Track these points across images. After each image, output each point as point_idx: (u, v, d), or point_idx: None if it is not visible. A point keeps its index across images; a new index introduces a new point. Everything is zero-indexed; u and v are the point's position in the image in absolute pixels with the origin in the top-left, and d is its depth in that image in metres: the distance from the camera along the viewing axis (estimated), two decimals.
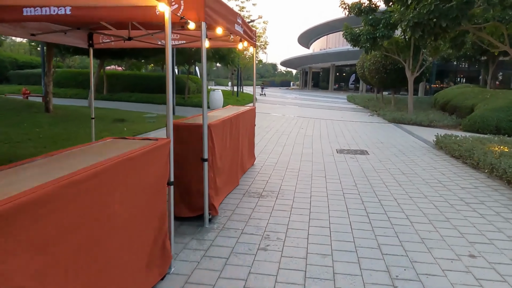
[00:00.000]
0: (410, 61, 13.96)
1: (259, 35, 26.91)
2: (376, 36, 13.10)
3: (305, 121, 13.53)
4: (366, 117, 15.84)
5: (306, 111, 18.02)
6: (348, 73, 53.17)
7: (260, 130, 10.65)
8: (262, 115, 15.47)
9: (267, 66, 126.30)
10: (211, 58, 19.85)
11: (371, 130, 11.40)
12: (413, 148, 8.46)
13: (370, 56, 17.86)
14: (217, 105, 17.69)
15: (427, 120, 13.31)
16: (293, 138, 9.53)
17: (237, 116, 5.00)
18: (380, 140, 9.53)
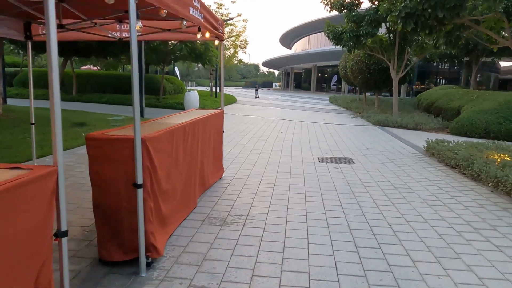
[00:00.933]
0: (395, 60, 13.27)
1: (239, 33, 25.99)
2: (359, 33, 12.34)
3: (285, 124, 12.65)
4: (349, 119, 15.10)
5: (287, 113, 17.18)
6: (330, 74, 52.77)
7: (235, 135, 9.71)
8: (240, 117, 14.53)
9: (249, 66, 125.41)
10: (187, 57, 18.81)
11: (355, 134, 10.61)
12: (402, 155, 7.67)
13: (353, 56, 17.15)
14: (193, 107, 16.65)
15: (413, 122, 12.63)
16: (271, 143, 8.62)
17: (195, 123, 4.04)
18: (365, 145, 8.72)
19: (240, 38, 25.93)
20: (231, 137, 9.30)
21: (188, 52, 17.30)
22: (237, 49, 26.38)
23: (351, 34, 12.45)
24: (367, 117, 14.51)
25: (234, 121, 13.08)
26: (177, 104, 17.54)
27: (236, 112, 16.83)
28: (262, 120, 13.66)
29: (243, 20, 25.21)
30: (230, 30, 25.36)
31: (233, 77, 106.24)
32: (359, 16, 12.43)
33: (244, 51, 26.81)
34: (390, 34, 13.45)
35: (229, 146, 8.11)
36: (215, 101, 20.51)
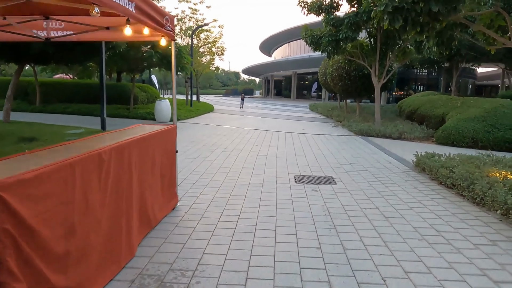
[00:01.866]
0: (377, 66, 12.56)
1: (215, 40, 25.06)
2: (339, 38, 11.57)
3: (261, 135, 11.72)
4: (329, 128, 14.29)
5: (265, 122, 16.27)
6: (310, 81, 52.38)
7: (203, 150, 8.69)
8: (214, 128, 13.53)
9: (230, 74, 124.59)
10: (159, 64, 17.74)
11: (336, 146, 9.75)
12: (389, 171, 6.81)
13: (333, 62, 16.42)
14: (165, 117, 15.57)
15: (397, 132, 11.89)
16: (243, 159, 7.64)
17: (122, 147, 3.03)
18: (348, 160, 7.84)
19: (216, 45, 25.00)
20: (198, 152, 8.28)
21: (159, 58, 16.24)
22: (214, 56, 25.42)
23: (330, 38, 11.67)
24: (349, 126, 13.72)
25: (207, 132, 12.08)
26: (148, 114, 16.44)
27: (211, 122, 15.83)
28: (237, 131, 12.69)
29: (219, 26, 24.32)
30: (206, 36, 24.44)
31: (214, 85, 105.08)
32: (338, 19, 11.68)
33: (221, 58, 25.85)
34: (371, 38, 12.74)
35: (194, 163, 7.09)
36: (190, 111, 19.45)
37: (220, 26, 24.09)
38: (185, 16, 22.90)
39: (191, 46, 21.63)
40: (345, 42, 11.70)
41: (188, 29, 22.89)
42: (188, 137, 10.72)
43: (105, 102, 11.84)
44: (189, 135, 11.18)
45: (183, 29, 22.86)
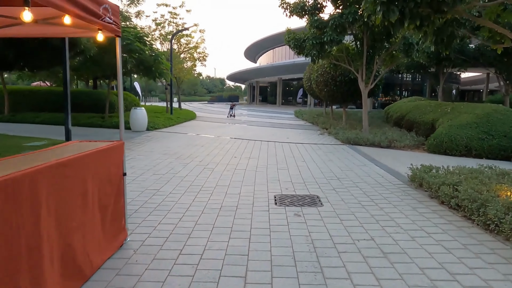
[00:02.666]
0: (363, 70, 11.88)
1: (196, 45, 24.20)
2: (323, 40, 10.86)
3: (242, 145, 10.88)
4: (315, 136, 13.55)
5: (248, 131, 15.45)
6: (296, 87, 51.90)
7: (175, 164, 7.80)
8: (191, 137, 12.63)
9: (215, 81, 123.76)
10: (135, 70, 16.79)
11: (322, 157, 8.97)
12: (382, 187, 6.03)
13: (318, 67, 15.74)
14: (141, 126, 14.60)
15: (386, 140, 11.19)
16: (218, 174, 6.78)
17: (21, 178, 2.14)
18: (335, 173, 7.05)
19: (198, 50, 24.11)
20: (169, 167, 7.39)
21: (135, 64, 15.31)
22: (195, 61, 24.53)
23: (314, 41, 10.95)
24: (335, 133, 13.00)
25: (183, 142, 11.17)
26: (124, 123, 15.39)
27: (190, 131, 14.92)
28: (217, 141, 11.83)
29: (200, 31, 23.46)
30: (187, 41, 23.56)
31: (199, 92, 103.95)
32: (322, 22, 10.97)
33: (203, 64, 24.96)
34: (357, 41, 12.08)
35: (161, 181, 6.19)
36: (169, 119, 18.50)
37: (201, 30, 23.26)
38: (165, 21, 22.02)
39: (171, 51, 20.73)
40: (330, 45, 10.99)
41: (168, 34, 22.00)
42: (161, 149, 9.81)
43: (70, 111, 10.82)
44: (163, 146, 10.26)
45: (162, 34, 21.96)
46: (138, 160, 8.10)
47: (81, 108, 19.30)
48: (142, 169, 7.18)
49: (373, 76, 12.06)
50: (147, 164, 7.71)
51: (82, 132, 13.65)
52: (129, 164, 7.67)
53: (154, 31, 21.82)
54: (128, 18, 22.12)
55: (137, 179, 6.31)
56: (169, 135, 13.27)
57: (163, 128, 15.86)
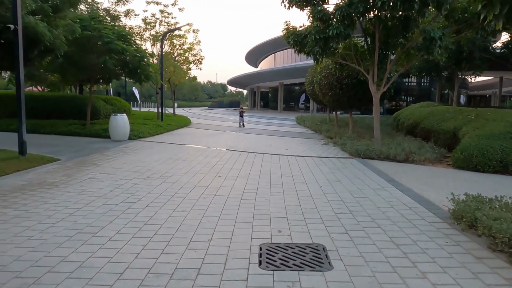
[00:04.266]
0: (375, 71, 10.16)
1: (191, 47, 22.56)
2: (328, 35, 9.16)
3: (232, 158, 9.16)
4: (318, 147, 11.81)
5: (242, 140, 13.73)
6: (298, 92, 50.22)
7: (140, 187, 6.08)
8: (176, 148, 10.90)
9: (216, 86, 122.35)
10: (118, 73, 15.16)
11: (328, 176, 7.23)
12: (415, 229, 4.27)
13: (321, 68, 14.03)
14: (121, 135, 12.92)
15: (403, 152, 9.44)
16: (189, 206, 5.06)
17: None
18: (346, 202, 5.31)
19: (192, 52, 22.42)
20: (130, 192, 5.67)
21: (115, 65, 13.66)
22: (189, 64, 22.84)
23: (318, 36, 9.25)
24: (342, 144, 11.25)
25: (163, 155, 9.46)
26: (104, 131, 13.74)
27: (179, 140, 13.21)
28: (204, 153, 10.11)
29: (194, 31, 21.79)
30: (181, 42, 21.91)
31: (200, 97, 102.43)
32: (326, 13, 9.27)
33: (199, 67, 23.26)
34: (367, 37, 10.37)
35: (108, 217, 4.47)
36: (158, 126, 16.78)
37: (195, 31, 21.60)
38: (156, 21, 20.42)
39: (161, 53, 19.11)
40: (336, 40, 9.28)
41: (159, 34, 20.40)
42: (134, 164, 8.10)
43: (24, 119, 9.17)
44: (137, 161, 8.56)
45: (153, 34, 20.35)
46: (95, 182, 6.39)
47: (63, 114, 17.67)
48: (93, 196, 5.47)
49: (386, 77, 10.33)
50: (104, 187, 6.00)
51: (54, 141, 11.97)
52: (80, 187, 5.96)
53: (144, 31, 20.20)
54: (116, 18, 20.54)
55: (76, 214, 4.59)
56: (152, 146, 11.56)
57: (149, 137, 14.16)
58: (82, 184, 6.25)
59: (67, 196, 5.46)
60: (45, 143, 11.63)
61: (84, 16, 14.48)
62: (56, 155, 9.40)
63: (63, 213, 4.65)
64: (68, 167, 7.75)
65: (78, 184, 6.21)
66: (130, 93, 68.71)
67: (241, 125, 20.22)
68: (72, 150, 10.35)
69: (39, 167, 7.78)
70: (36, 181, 6.44)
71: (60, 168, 7.63)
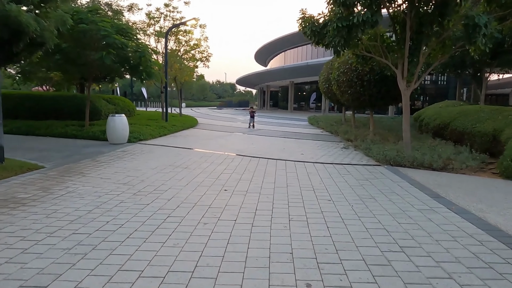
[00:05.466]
0: (405, 65, 8.82)
1: (198, 43, 21.37)
2: (352, 22, 7.85)
3: (241, 166, 7.90)
4: (338, 151, 10.50)
5: (253, 142, 12.46)
6: (308, 92, 48.81)
7: (124, 207, 4.86)
8: (178, 154, 9.67)
9: (225, 86, 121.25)
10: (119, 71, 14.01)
11: (357, 190, 5.93)
12: (504, 280, 2.98)
13: (339, 63, 12.68)
14: (119, 137, 11.77)
15: (439, 159, 8.09)
16: (184, 237, 3.82)
17: None
18: (391, 232, 4.01)
19: (199, 49, 21.22)
20: (111, 215, 4.46)
21: (115, 61, 12.50)
22: (196, 62, 21.66)
23: (340, 24, 7.95)
24: (366, 148, 9.91)
25: (162, 162, 8.25)
26: (102, 133, 12.61)
27: (182, 143, 12.01)
28: (209, 158, 8.88)
29: (201, 26, 20.55)
30: (188, 38, 20.73)
31: (208, 97, 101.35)
32: None
33: (206, 65, 22.03)
34: (396, 25, 9.03)
35: (67, 259, 3.25)
36: (162, 127, 15.60)
37: (202, 26, 20.40)
38: (160, 15, 19.27)
39: (165, 49, 17.94)
40: (362, 29, 7.96)
41: (163, 29, 19.23)
42: (127, 173, 6.90)
43: (1, 120, 8.05)
44: (132, 169, 7.36)
45: (157, 30, 19.20)
46: (73, 199, 5.19)
47: (61, 114, 16.64)
48: (63, 220, 4.27)
49: (418, 72, 8.98)
50: (81, 207, 4.80)
51: (45, 144, 10.85)
52: (52, 207, 4.76)
53: (148, 26, 19.06)
54: (119, 12, 19.45)
55: (29, 251, 3.38)
56: (152, 150, 10.38)
57: (150, 140, 13.00)
58: (57, 201, 5.06)
59: (30, 220, 4.27)
60: (35, 146, 10.52)
61: (81, 9, 13.38)
62: (42, 161, 8.27)
63: (13, 249, 3.45)
64: (48, 177, 6.59)
65: (51, 202, 5.02)
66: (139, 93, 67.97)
67: (251, 126, 18.96)
68: (62, 155, 9.22)
69: (15, 177, 6.63)
70: (2, 196, 5.27)
71: (39, 179, 6.47)
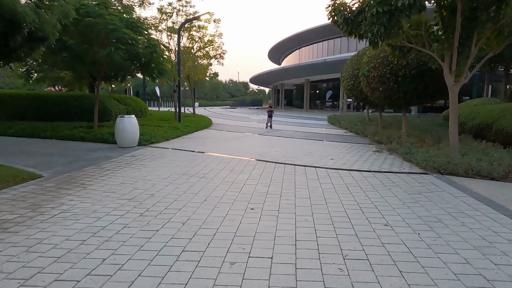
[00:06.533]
0: (454, 57, 7.61)
1: (212, 39, 20.35)
2: (396, 7, 6.67)
3: (265, 175, 6.80)
4: (370, 155, 9.32)
5: (273, 145, 11.34)
6: (322, 90, 47.41)
7: (123, 239, 3.82)
8: (192, 159, 8.62)
9: (238, 85, 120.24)
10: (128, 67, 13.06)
11: (417, 211, 4.77)
12: None
13: (369, 57, 11.48)
14: (129, 140, 10.82)
15: (499, 168, 6.85)
16: (205, 284, 2.75)
17: None
18: (493, 282, 2.88)
19: (213, 44, 20.17)
20: (111, 246, 3.43)
21: (124, 58, 11.54)
22: (210, 59, 20.63)
23: (381, 9, 6.80)
24: (406, 153, 8.69)
25: (177, 169, 7.22)
26: (111, 136, 11.67)
27: (196, 146, 10.97)
28: (228, 165, 7.81)
29: (215, 21, 19.48)
30: (202, 34, 19.72)
31: (221, 96, 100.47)
32: None
33: (220, 62, 20.96)
34: (443, 11, 7.81)
35: None
36: (175, 128, 14.63)
37: (216, 20, 19.33)
38: (173, 10, 18.30)
39: (178, 45, 16.95)
40: (407, 14, 6.79)
41: (176, 24, 18.26)
42: (134, 184, 5.88)
43: None
44: (141, 178, 6.34)
45: (169, 26, 18.25)
46: (66, 222, 4.18)
47: (69, 115, 15.84)
48: (47, 256, 3.25)
49: (469, 65, 7.74)
50: (73, 234, 3.78)
51: (49, 148, 9.94)
52: (38, 235, 3.75)
53: (160, 22, 18.12)
54: (130, 8, 18.54)
55: None
56: (164, 154, 9.38)
57: (162, 142, 12.03)
58: (45, 226, 4.06)
59: (5, 257, 3.27)
60: (38, 151, 9.63)
61: (88, 3, 12.46)
62: (41, 168, 7.33)
63: None
64: (44, 190, 5.62)
65: (38, 227, 4.02)
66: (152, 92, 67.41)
67: (269, 126, 17.86)
68: (65, 160, 8.28)
69: (5, 190, 5.68)
70: None
71: (32, 193, 5.50)
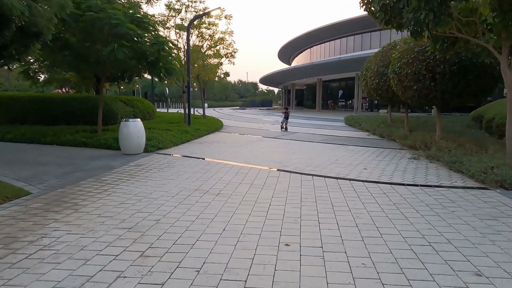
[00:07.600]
0: None
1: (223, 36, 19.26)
2: None
3: (292, 191, 5.67)
4: (408, 164, 8.12)
5: (292, 151, 10.17)
6: (333, 90, 46.02)
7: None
8: (203, 169, 7.51)
9: (247, 85, 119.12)
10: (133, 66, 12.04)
11: (502, 245, 3.61)
12: None
13: (400, 52, 10.27)
14: (134, 146, 9.79)
15: None
16: None
17: None
18: None
19: (225, 42, 19.09)
20: None
21: (129, 56, 10.51)
22: (221, 58, 19.56)
23: None
24: (452, 162, 7.45)
25: (187, 183, 6.12)
26: (116, 141, 10.66)
27: (208, 153, 9.88)
28: (246, 177, 6.69)
29: (226, 17, 18.39)
30: (213, 32, 18.66)
31: (230, 97, 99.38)
32: None
33: (231, 61, 19.85)
34: None
35: None
36: (185, 132, 13.57)
37: (227, 16, 18.25)
38: (181, 6, 17.27)
39: (187, 43, 15.91)
40: None
41: (185, 21, 17.23)
42: (137, 205, 4.79)
43: None
44: (144, 196, 5.26)
45: (177, 24, 17.22)
46: (39, 268, 3.10)
47: (72, 118, 14.91)
48: None
49: None
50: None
51: (47, 156, 8.92)
52: None
53: (168, 19, 17.11)
54: (136, 4, 17.55)
55: None
56: (172, 163, 8.30)
57: (171, 148, 10.99)
58: (14, 274, 2.99)
59: None
60: (34, 159, 8.64)
61: None
62: (32, 182, 6.32)
63: None
64: (27, 214, 4.57)
65: (2, 278, 2.96)
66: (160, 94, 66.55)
67: (284, 128, 16.73)
68: (61, 171, 7.25)
69: None
70: None
71: (12, 218, 4.45)
